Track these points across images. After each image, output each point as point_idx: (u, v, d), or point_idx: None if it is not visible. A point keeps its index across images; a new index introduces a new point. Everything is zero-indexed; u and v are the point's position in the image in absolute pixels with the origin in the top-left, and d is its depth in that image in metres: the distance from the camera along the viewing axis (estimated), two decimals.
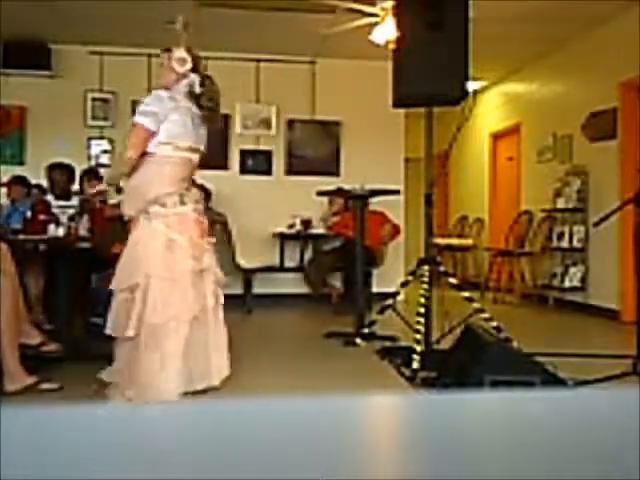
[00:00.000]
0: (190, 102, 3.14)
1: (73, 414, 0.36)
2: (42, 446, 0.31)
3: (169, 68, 3.21)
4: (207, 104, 3.17)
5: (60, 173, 5.00)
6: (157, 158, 3.06)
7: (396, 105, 4.15)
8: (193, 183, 6.37)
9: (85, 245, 4.39)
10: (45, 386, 3.29)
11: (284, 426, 0.36)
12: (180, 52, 3.22)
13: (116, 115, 7.25)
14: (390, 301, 4.45)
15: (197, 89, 3.18)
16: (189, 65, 3.21)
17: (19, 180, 5.74)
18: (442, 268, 4.17)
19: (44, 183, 5.48)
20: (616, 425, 0.36)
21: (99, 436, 0.34)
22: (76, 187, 5.45)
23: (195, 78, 3.20)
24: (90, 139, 7.22)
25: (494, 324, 3.89)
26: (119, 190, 3.45)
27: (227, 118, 7.40)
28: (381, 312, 4.49)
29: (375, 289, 6.59)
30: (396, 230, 6.83)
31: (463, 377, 3.00)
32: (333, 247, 6.85)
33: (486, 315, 3.95)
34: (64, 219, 4.32)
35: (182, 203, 3.09)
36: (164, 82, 3.19)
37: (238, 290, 6.93)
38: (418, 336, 3.75)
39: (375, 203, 6.42)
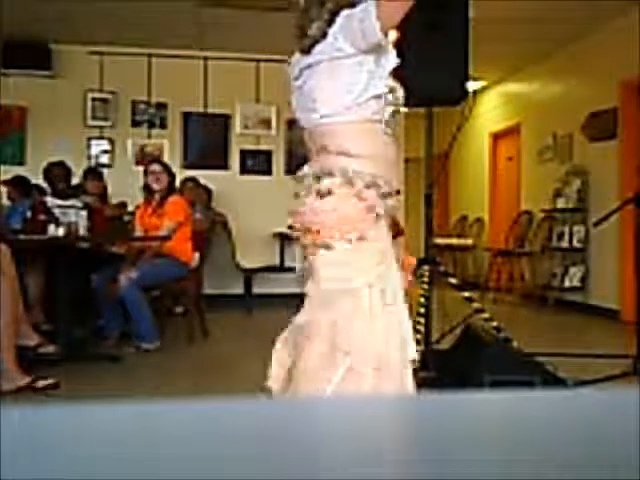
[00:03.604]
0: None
1: (72, 413, 0.36)
2: (41, 446, 0.31)
3: None
4: (294, 30, 2.14)
5: (57, 170, 5.01)
6: None
7: None
8: (196, 183, 6.43)
9: (85, 245, 4.40)
10: (41, 383, 3.30)
11: (284, 426, 0.36)
12: None
13: (116, 115, 7.25)
14: None
15: None
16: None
17: (19, 180, 5.74)
18: (442, 268, 4.17)
19: (44, 184, 5.48)
20: (616, 425, 0.36)
21: (99, 436, 0.34)
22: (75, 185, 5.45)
23: None
24: (90, 139, 7.22)
25: (494, 324, 3.88)
26: None
27: (227, 118, 7.41)
28: None
29: None
30: (398, 230, 6.81)
31: (463, 377, 3.00)
32: None
33: (486, 315, 3.95)
34: (64, 219, 4.32)
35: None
36: None
37: (238, 290, 6.94)
38: (418, 336, 3.75)
39: None
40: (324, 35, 1.99)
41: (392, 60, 2.06)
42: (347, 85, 1.99)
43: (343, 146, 2.01)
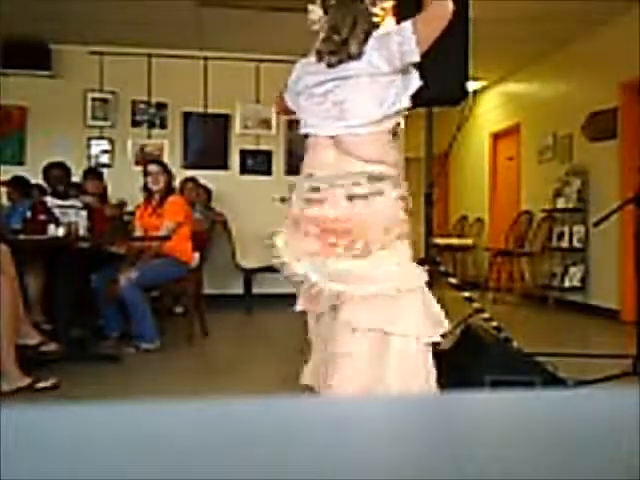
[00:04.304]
0: (319, 61, 2.31)
1: (72, 413, 0.36)
2: (41, 446, 0.31)
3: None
4: (324, 46, 2.27)
5: (57, 171, 5.02)
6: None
7: None
8: (196, 183, 6.43)
9: (85, 245, 4.39)
10: (41, 385, 3.30)
11: (284, 426, 0.36)
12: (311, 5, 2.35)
13: (116, 115, 7.25)
14: None
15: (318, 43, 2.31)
16: (314, 14, 2.33)
17: (19, 180, 5.74)
18: (442, 268, 4.17)
19: (44, 184, 5.49)
20: (616, 425, 0.36)
21: (99, 436, 0.34)
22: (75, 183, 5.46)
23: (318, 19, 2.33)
24: (90, 139, 7.22)
25: (494, 324, 3.88)
26: None
27: (227, 118, 7.41)
28: None
29: None
30: None
31: (463, 377, 3.00)
32: None
33: (486, 315, 3.95)
34: (64, 219, 4.32)
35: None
36: None
37: (238, 290, 6.94)
38: None
39: None
40: (359, 53, 2.19)
41: (416, 82, 2.28)
42: (379, 100, 2.19)
43: (370, 154, 2.21)
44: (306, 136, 2.36)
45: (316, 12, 2.29)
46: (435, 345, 2.43)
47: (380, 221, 2.22)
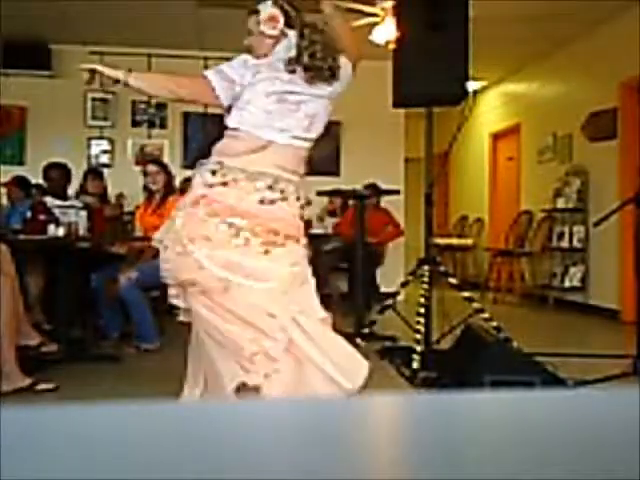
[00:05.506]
0: (290, 72, 2.42)
1: (72, 414, 0.36)
2: (41, 446, 0.31)
3: (259, 34, 2.47)
4: (309, 63, 2.40)
5: (57, 172, 5.01)
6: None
7: (396, 105, 4.15)
8: None
9: (85, 245, 4.39)
10: (42, 386, 3.29)
11: (284, 427, 0.36)
12: (267, 8, 2.47)
13: (116, 115, 7.25)
14: (390, 301, 4.45)
15: (293, 51, 2.44)
16: (281, 22, 2.45)
17: (19, 180, 5.74)
18: (442, 268, 4.17)
19: (44, 184, 5.48)
20: (616, 425, 0.36)
21: (99, 436, 0.34)
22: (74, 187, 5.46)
23: (292, 36, 2.46)
24: (90, 139, 7.22)
25: (494, 324, 3.89)
26: None
27: None
28: (381, 312, 4.48)
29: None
30: (397, 232, 6.81)
31: (463, 377, 3.00)
32: (334, 247, 6.84)
33: (486, 315, 3.95)
34: (64, 219, 4.32)
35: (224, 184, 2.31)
36: (260, 53, 2.49)
37: None
38: (418, 336, 3.75)
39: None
40: (336, 80, 2.44)
41: None
42: (326, 121, 2.48)
43: (303, 166, 2.45)
44: (234, 129, 2.39)
45: (280, 20, 2.44)
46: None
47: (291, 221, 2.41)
